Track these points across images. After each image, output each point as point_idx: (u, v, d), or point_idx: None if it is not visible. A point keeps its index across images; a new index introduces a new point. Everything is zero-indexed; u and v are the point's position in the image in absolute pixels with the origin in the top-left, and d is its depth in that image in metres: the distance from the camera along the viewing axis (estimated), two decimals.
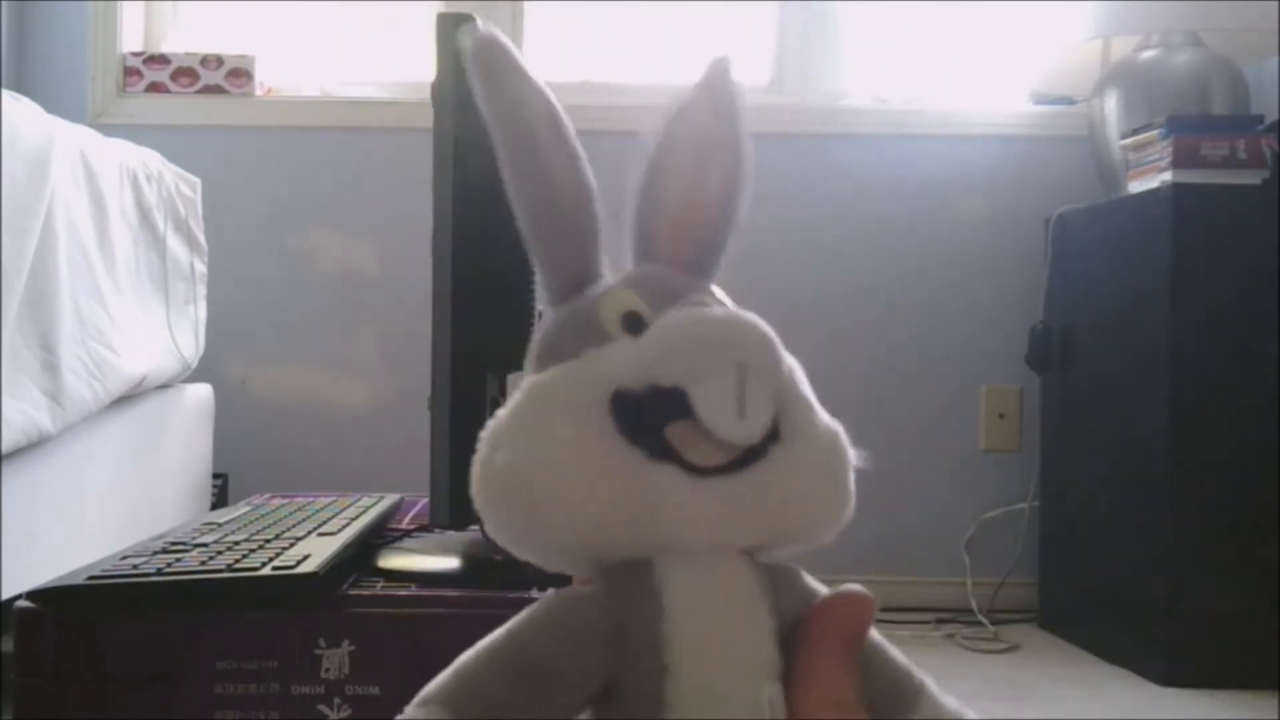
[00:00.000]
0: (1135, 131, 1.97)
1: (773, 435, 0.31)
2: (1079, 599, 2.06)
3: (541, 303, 0.37)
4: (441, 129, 0.87)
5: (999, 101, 2.40)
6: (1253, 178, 1.84)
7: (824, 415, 0.34)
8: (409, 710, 0.32)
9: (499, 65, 0.35)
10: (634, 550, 0.32)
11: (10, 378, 1.26)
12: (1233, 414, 1.79)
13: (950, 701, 0.36)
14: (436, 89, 0.88)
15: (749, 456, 0.31)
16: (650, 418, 0.30)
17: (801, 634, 0.32)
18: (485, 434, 0.32)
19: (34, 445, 1.31)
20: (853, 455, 0.34)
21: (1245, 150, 1.84)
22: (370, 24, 2.44)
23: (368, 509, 1.07)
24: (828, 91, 2.40)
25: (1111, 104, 2.08)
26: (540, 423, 0.31)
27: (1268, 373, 1.77)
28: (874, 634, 0.36)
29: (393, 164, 2.23)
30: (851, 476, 0.34)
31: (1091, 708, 1.65)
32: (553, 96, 0.37)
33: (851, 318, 2.32)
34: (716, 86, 0.40)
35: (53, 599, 0.73)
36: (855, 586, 0.34)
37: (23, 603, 0.73)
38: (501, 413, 0.32)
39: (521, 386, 0.33)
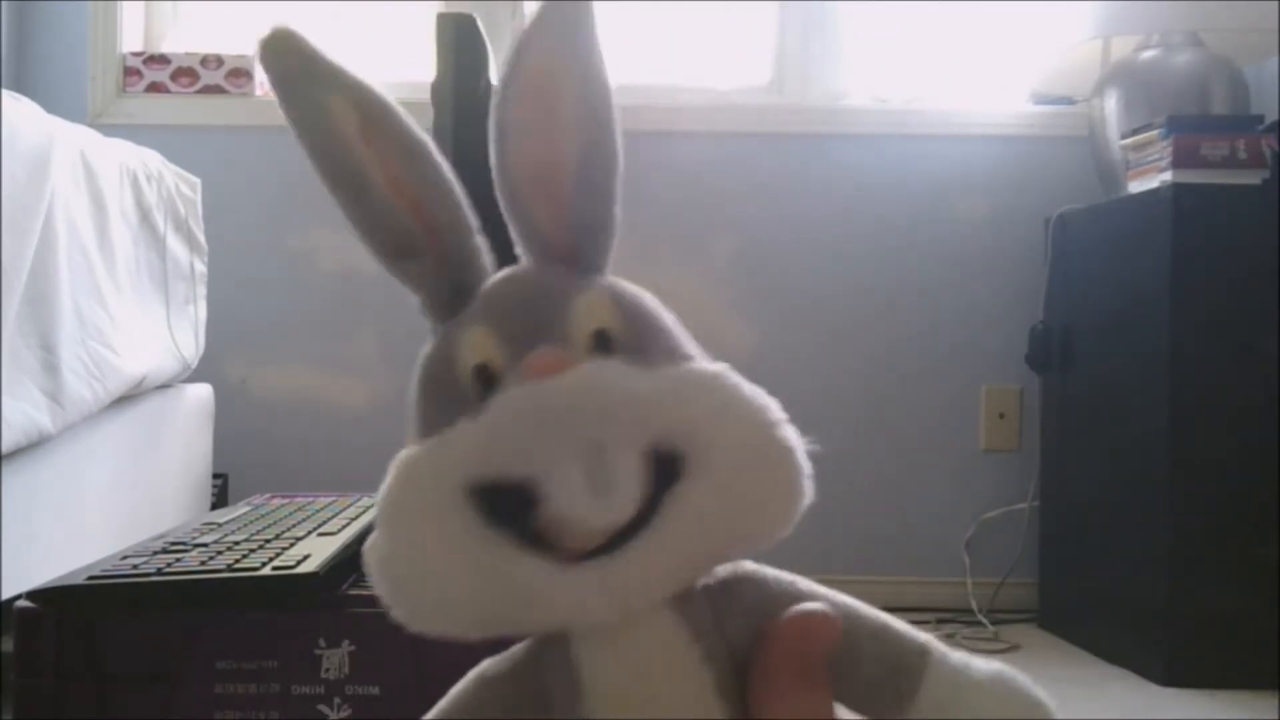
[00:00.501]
0: (1135, 131, 1.97)
1: (667, 478, 0.28)
2: (1079, 599, 2.06)
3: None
4: (441, 129, 0.87)
5: (999, 101, 2.40)
6: (1253, 178, 1.84)
7: (746, 411, 0.30)
8: None
9: (292, 70, 0.31)
10: (536, 633, 0.30)
11: (10, 378, 1.26)
12: (1233, 414, 1.79)
13: (961, 664, 0.32)
14: (436, 89, 0.88)
15: (631, 527, 0.28)
16: (512, 507, 0.28)
17: (755, 671, 0.30)
18: (375, 514, 0.30)
19: (34, 445, 1.31)
20: (790, 441, 0.30)
21: (1245, 150, 1.84)
22: (370, 24, 2.44)
23: (368, 509, 1.07)
24: (828, 91, 2.40)
25: (1111, 104, 2.08)
26: (401, 517, 0.29)
27: (1268, 373, 1.77)
28: (859, 617, 0.33)
29: None
30: (792, 466, 0.30)
31: (1091, 708, 1.65)
32: (371, 89, 0.33)
33: (851, 318, 2.32)
34: (557, 10, 0.34)
35: (53, 599, 0.73)
36: (811, 606, 0.31)
37: (23, 603, 0.73)
38: (382, 491, 0.30)
39: (393, 463, 0.30)
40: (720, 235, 2.33)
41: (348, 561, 0.84)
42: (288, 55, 0.31)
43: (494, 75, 0.95)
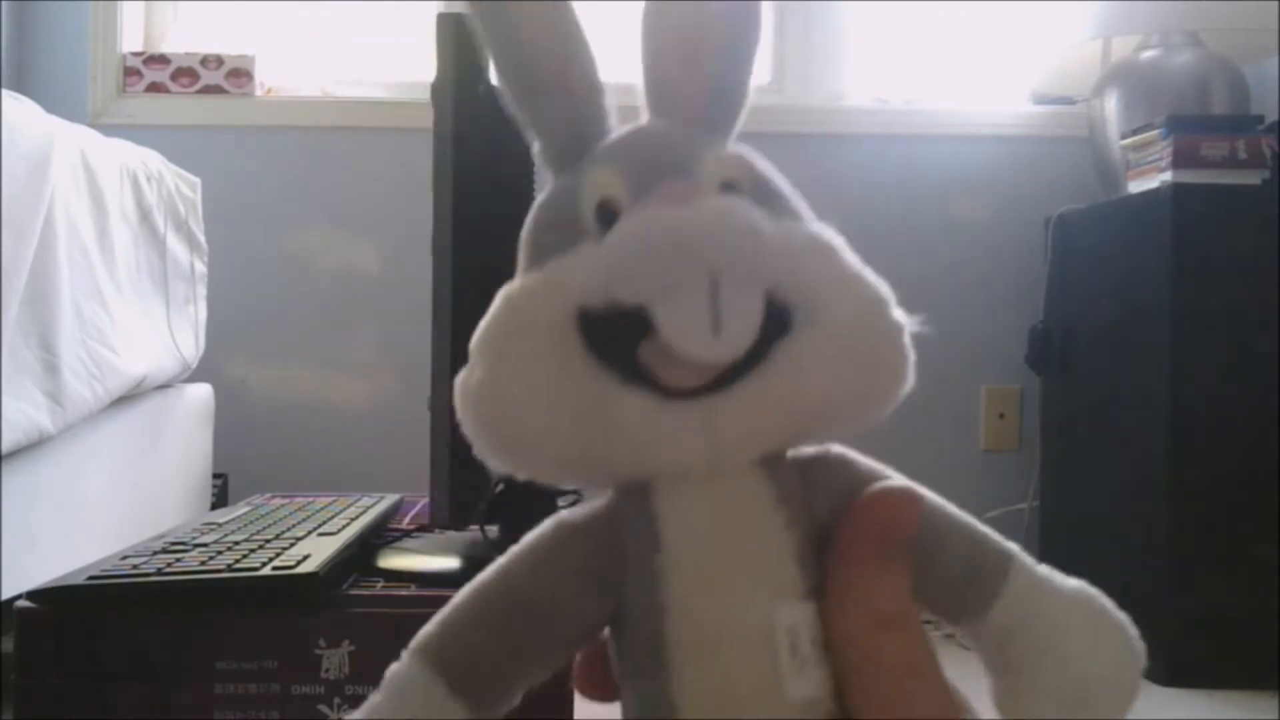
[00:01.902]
0: (1135, 131, 1.97)
1: (776, 330, 0.28)
2: None
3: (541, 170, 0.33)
4: (441, 129, 0.87)
5: (999, 101, 2.40)
6: (1253, 178, 1.84)
7: (860, 282, 0.30)
8: (403, 658, 0.30)
9: None
10: (623, 478, 0.29)
11: (10, 378, 1.26)
12: (1233, 414, 1.79)
13: (1047, 574, 0.33)
14: (436, 89, 0.88)
15: (737, 370, 0.27)
16: (619, 337, 0.27)
17: (835, 542, 0.29)
18: (471, 346, 0.29)
19: (34, 445, 1.31)
20: (899, 320, 0.30)
21: (1245, 150, 1.84)
22: (370, 24, 2.44)
23: (368, 509, 1.07)
24: (828, 91, 2.40)
25: (1111, 104, 2.08)
26: (508, 344, 0.28)
27: (1268, 373, 1.77)
28: (946, 513, 0.32)
29: (393, 164, 2.23)
30: (900, 344, 0.30)
31: None
32: None
33: None
34: None
35: (53, 599, 0.73)
36: (894, 482, 0.31)
37: (23, 603, 0.73)
38: (483, 323, 0.29)
39: (500, 293, 0.30)
40: None
41: (348, 561, 0.84)
42: None
43: (494, 75, 0.95)
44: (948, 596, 0.32)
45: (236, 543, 0.85)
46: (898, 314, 0.31)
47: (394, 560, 0.88)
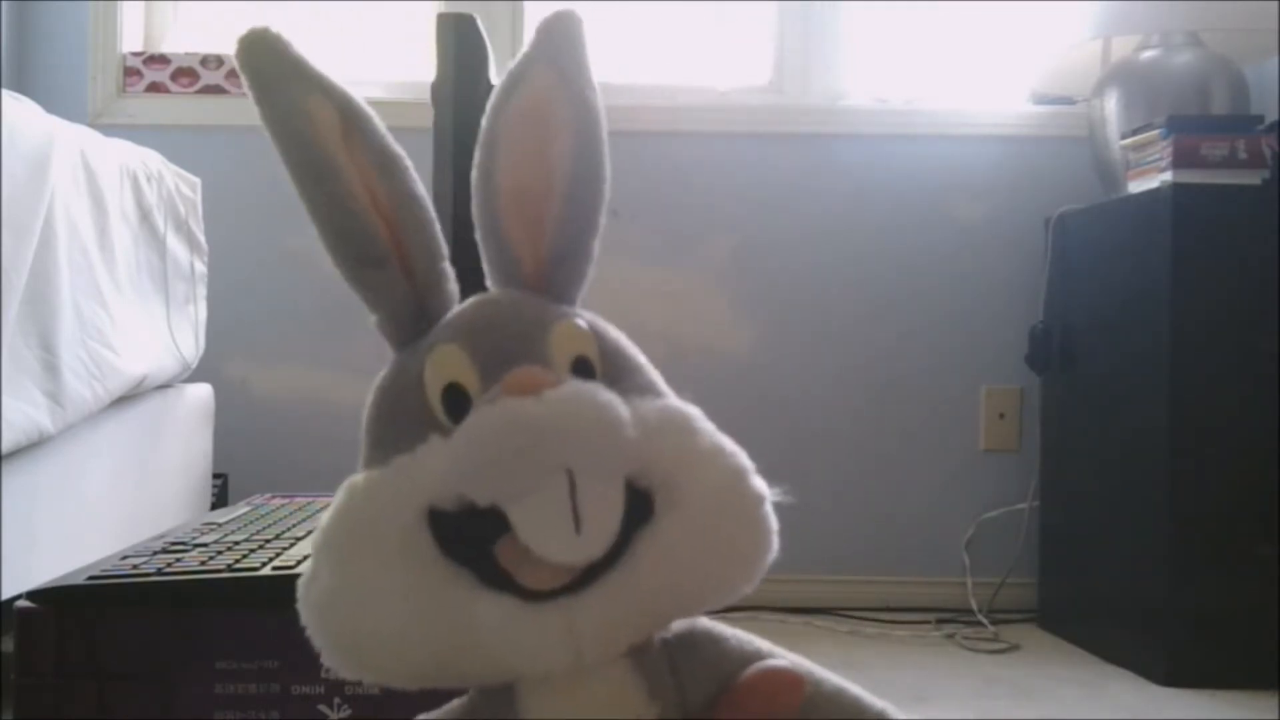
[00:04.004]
0: (1135, 131, 1.97)
1: (639, 517, 0.27)
2: (1079, 599, 2.06)
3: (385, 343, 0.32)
4: (441, 129, 0.87)
5: (999, 101, 2.40)
6: (1253, 178, 1.84)
7: (720, 457, 0.29)
8: None
9: (270, 70, 0.30)
10: (482, 682, 0.28)
11: (10, 378, 1.26)
12: (1233, 414, 1.79)
13: None
14: (436, 89, 0.88)
15: (598, 566, 0.26)
16: (473, 539, 0.26)
17: None
18: (313, 547, 0.28)
19: (34, 445, 1.31)
20: (760, 491, 0.29)
21: (1245, 150, 1.84)
22: (370, 24, 2.44)
23: None
24: (828, 91, 2.40)
25: (1111, 104, 2.08)
26: (354, 547, 0.27)
27: (1268, 373, 1.77)
28: (816, 677, 0.32)
29: None
30: (761, 518, 0.29)
31: (1091, 708, 1.65)
32: (351, 96, 0.31)
33: (851, 318, 2.32)
34: (554, 40, 0.32)
35: (53, 599, 0.73)
36: (776, 664, 0.30)
37: (23, 603, 0.73)
38: (323, 520, 0.28)
39: (342, 489, 0.28)
40: (720, 235, 2.33)
41: None
42: (266, 54, 0.31)
43: (494, 75, 0.95)
44: None
45: (236, 543, 0.85)
46: (757, 484, 0.30)
47: None
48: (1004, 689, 1.73)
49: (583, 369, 0.29)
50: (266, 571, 0.74)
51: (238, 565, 0.76)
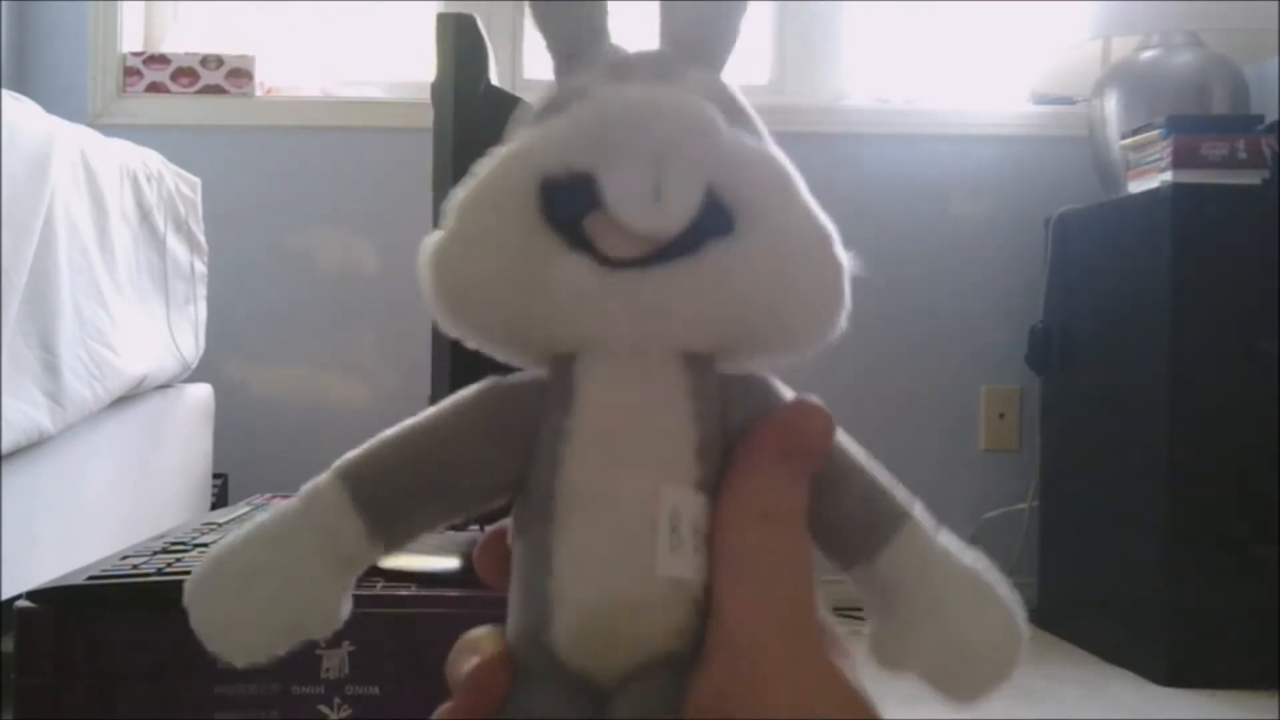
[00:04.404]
0: (1135, 131, 1.97)
1: (716, 227, 0.28)
2: (1079, 598, 2.06)
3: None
4: (441, 129, 0.87)
5: (999, 101, 2.40)
6: (1253, 178, 1.84)
7: (808, 209, 0.31)
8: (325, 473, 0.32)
9: None
10: (555, 343, 0.30)
11: (10, 378, 1.26)
12: (1233, 414, 1.79)
13: (942, 539, 0.34)
14: (436, 89, 0.88)
15: (672, 250, 0.28)
16: (570, 204, 0.28)
17: (741, 441, 0.30)
18: (446, 208, 0.30)
19: (34, 445, 1.31)
20: (842, 258, 0.31)
21: (1245, 150, 1.84)
22: (370, 24, 2.44)
23: None
24: (828, 91, 2.40)
25: (1111, 104, 2.08)
26: (474, 205, 0.29)
27: (1268, 372, 1.77)
28: (854, 453, 0.33)
29: (393, 164, 2.23)
30: (837, 279, 0.31)
31: (1091, 708, 1.65)
32: None
33: (851, 318, 2.31)
34: None
35: (53, 599, 0.73)
36: (812, 398, 0.32)
37: (23, 603, 0.73)
38: (462, 184, 0.30)
39: (487, 160, 0.31)
40: None
41: None
42: None
43: (494, 75, 0.95)
44: (840, 535, 0.33)
45: None
46: (840, 252, 0.31)
47: (394, 560, 0.88)
48: (1004, 689, 1.73)
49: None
50: None
51: None
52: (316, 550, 0.31)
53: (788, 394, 0.32)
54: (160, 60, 2.34)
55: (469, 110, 0.87)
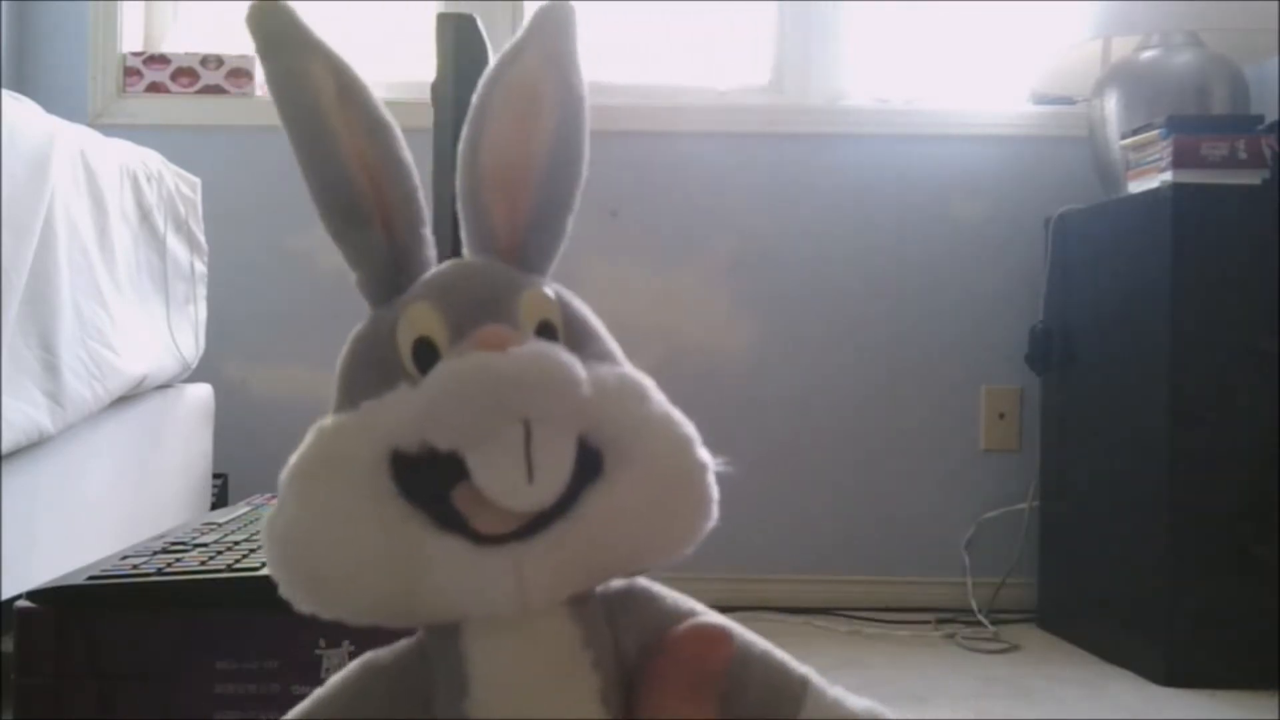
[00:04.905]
0: (1135, 131, 1.97)
1: (589, 474, 0.28)
2: (1079, 599, 2.06)
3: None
4: (441, 129, 0.87)
5: (999, 101, 2.40)
6: (1253, 178, 1.84)
7: (669, 424, 0.30)
8: None
9: (276, 34, 0.32)
10: (431, 621, 0.29)
11: (10, 378, 1.26)
12: (1233, 414, 1.79)
13: (840, 696, 0.33)
14: (436, 89, 0.88)
15: (548, 515, 0.28)
16: (431, 482, 0.27)
17: (644, 679, 0.29)
18: (280, 482, 0.29)
19: (34, 445, 1.31)
20: (705, 460, 0.30)
21: (1245, 150, 1.84)
22: (370, 24, 2.44)
23: None
24: (828, 91, 2.40)
25: (1111, 104, 2.08)
26: (319, 484, 0.28)
27: (1268, 372, 1.77)
28: (747, 639, 0.32)
29: None
30: (705, 485, 0.30)
31: (1091, 708, 1.65)
32: (348, 64, 0.33)
33: (851, 317, 2.32)
34: (547, 28, 0.35)
35: (53, 599, 0.73)
36: (708, 620, 0.31)
37: (23, 603, 0.73)
38: (294, 457, 0.29)
39: (311, 430, 0.30)
40: (720, 235, 2.33)
41: None
42: (273, 18, 0.32)
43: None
44: None
45: (236, 543, 0.85)
46: (702, 453, 0.31)
47: None
48: (1004, 689, 1.73)
49: (547, 333, 0.31)
50: (266, 571, 0.74)
51: (238, 565, 0.76)
52: None
53: (670, 601, 0.32)
54: (160, 60, 2.34)
55: (469, 110, 0.87)
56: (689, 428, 0.31)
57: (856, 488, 2.28)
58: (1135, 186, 1.95)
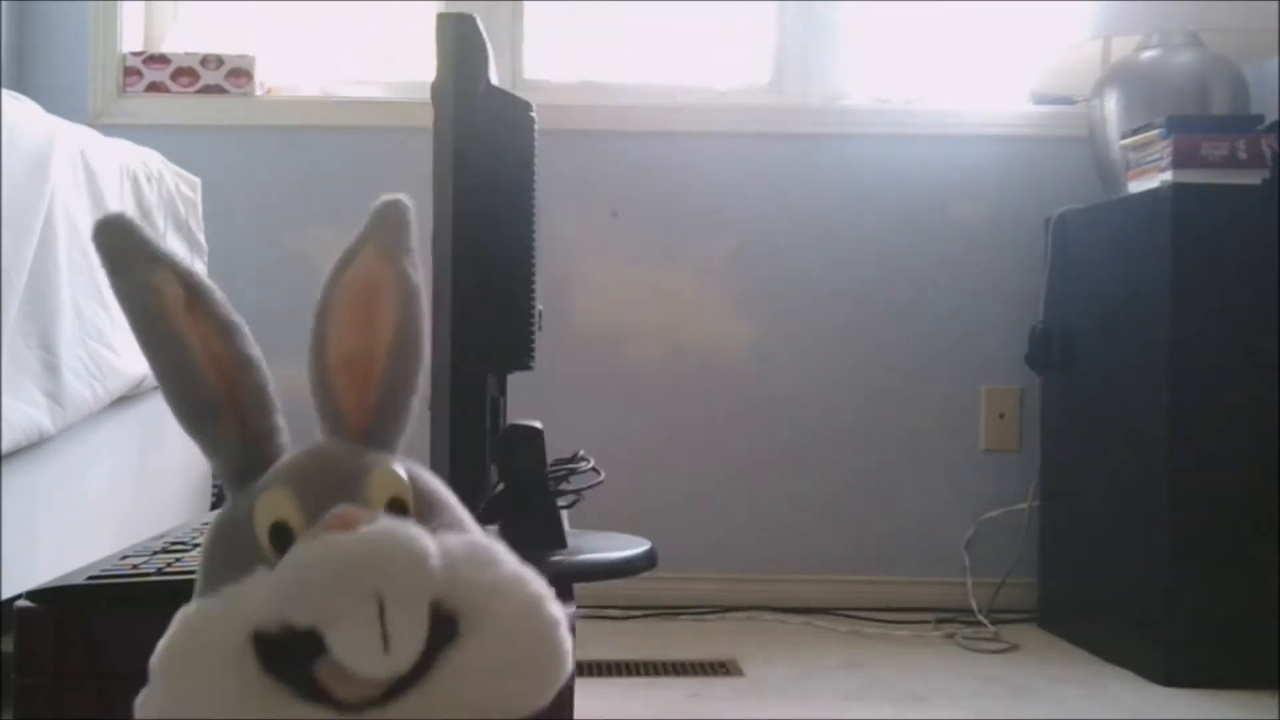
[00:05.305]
0: (1135, 131, 1.97)
1: (445, 637, 0.30)
2: (1079, 599, 2.06)
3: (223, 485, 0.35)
4: (441, 129, 0.87)
5: (999, 101, 2.40)
6: (1253, 178, 1.84)
7: (519, 585, 0.32)
8: None
9: (120, 249, 0.35)
10: None
11: (10, 378, 1.26)
12: (1233, 414, 1.79)
13: None
14: (436, 89, 0.88)
15: (405, 681, 0.30)
16: (293, 658, 0.29)
17: None
18: (151, 668, 0.31)
19: (34, 445, 1.31)
20: (556, 617, 0.32)
21: (1245, 150, 1.84)
22: (370, 24, 2.44)
23: None
24: (828, 91, 2.40)
25: (1111, 104, 2.08)
26: (187, 668, 0.30)
27: (1268, 373, 1.77)
28: None
29: (393, 164, 2.23)
30: (556, 639, 0.32)
31: (1091, 708, 1.65)
32: (194, 272, 0.36)
33: (851, 317, 2.32)
34: (385, 225, 0.39)
35: (53, 599, 0.73)
36: None
37: (23, 603, 0.73)
38: (162, 644, 0.32)
39: (176, 618, 0.32)
40: (720, 235, 2.33)
41: None
42: (119, 235, 0.35)
43: (494, 75, 0.95)
44: None
45: None
46: (553, 609, 0.33)
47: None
48: (1004, 689, 1.73)
49: (397, 509, 0.33)
50: None
51: None
52: None
53: None
54: (160, 60, 2.34)
55: (469, 110, 0.87)
56: (538, 585, 0.32)
57: (856, 487, 2.28)
58: (1135, 186, 1.95)
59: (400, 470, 0.34)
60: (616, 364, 2.28)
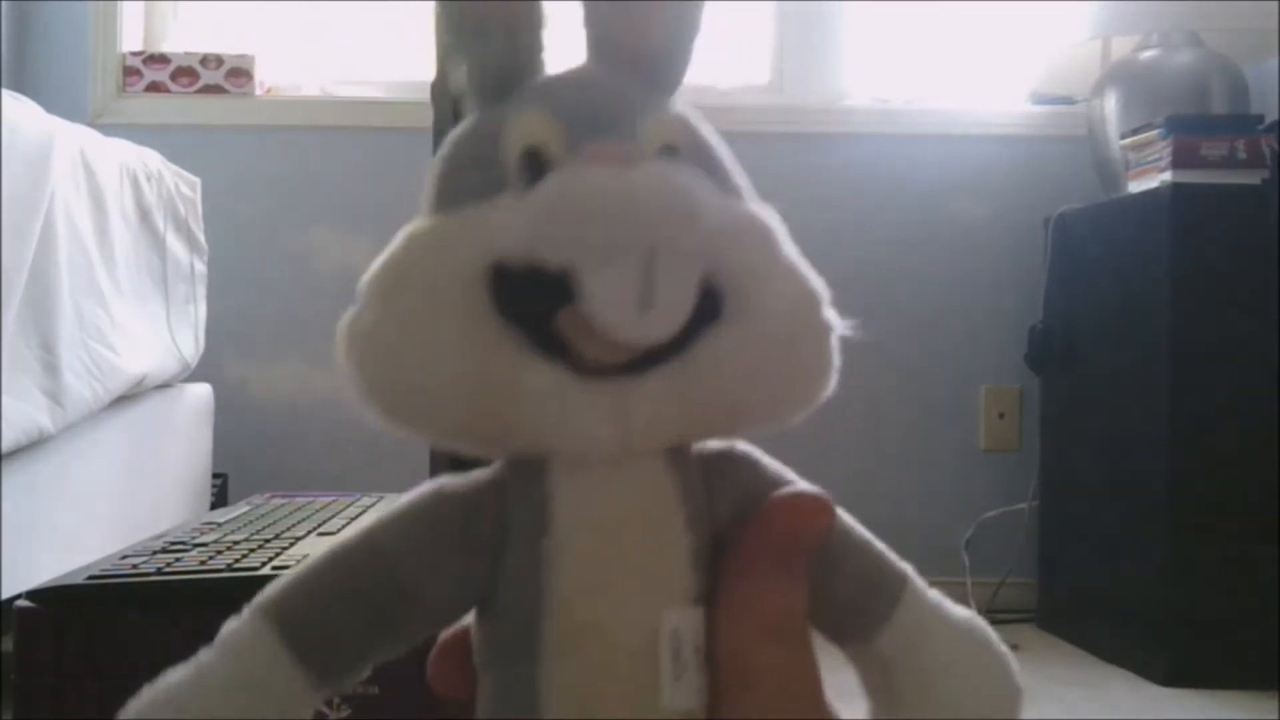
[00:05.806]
0: (1135, 131, 1.96)
1: (707, 316, 0.25)
2: (1078, 599, 2.06)
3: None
4: (441, 129, 0.87)
5: (999, 101, 2.40)
6: (1253, 178, 1.83)
7: (796, 275, 0.28)
8: (243, 615, 0.28)
9: None
10: (516, 451, 0.27)
11: (10, 378, 1.26)
12: (1233, 414, 1.79)
13: (939, 600, 0.32)
14: (436, 89, 0.88)
15: (658, 353, 0.25)
16: (535, 301, 0.24)
17: (734, 545, 0.27)
18: (363, 283, 0.27)
19: (34, 445, 1.31)
20: (831, 322, 0.28)
21: (1245, 150, 1.84)
22: (370, 24, 2.44)
23: (367, 509, 1.07)
24: (828, 91, 2.40)
25: (1111, 104, 2.08)
26: (409, 290, 0.26)
27: (1267, 373, 1.77)
28: (847, 526, 0.30)
29: (393, 164, 2.23)
30: (826, 347, 0.28)
31: (1091, 708, 1.65)
32: None
33: (850, 317, 2.32)
34: None
35: (53, 599, 0.73)
36: (804, 487, 0.29)
37: (23, 603, 0.73)
38: (379, 260, 0.27)
39: (400, 234, 0.27)
40: None
41: None
42: None
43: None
44: (838, 615, 0.30)
45: (236, 543, 0.85)
46: (829, 314, 0.29)
47: None
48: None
49: (671, 155, 0.28)
50: (266, 571, 0.74)
51: (237, 565, 0.76)
52: (247, 712, 0.27)
53: (771, 468, 0.30)
54: (160, 60, 2.34)
55: (469, 110, 0.87)
56: (817, 283, 0.29)
57: (856, 487, 2.27)
58: (1135, 186, 1.95)
59: (678, 114, 0.28)
60: None
